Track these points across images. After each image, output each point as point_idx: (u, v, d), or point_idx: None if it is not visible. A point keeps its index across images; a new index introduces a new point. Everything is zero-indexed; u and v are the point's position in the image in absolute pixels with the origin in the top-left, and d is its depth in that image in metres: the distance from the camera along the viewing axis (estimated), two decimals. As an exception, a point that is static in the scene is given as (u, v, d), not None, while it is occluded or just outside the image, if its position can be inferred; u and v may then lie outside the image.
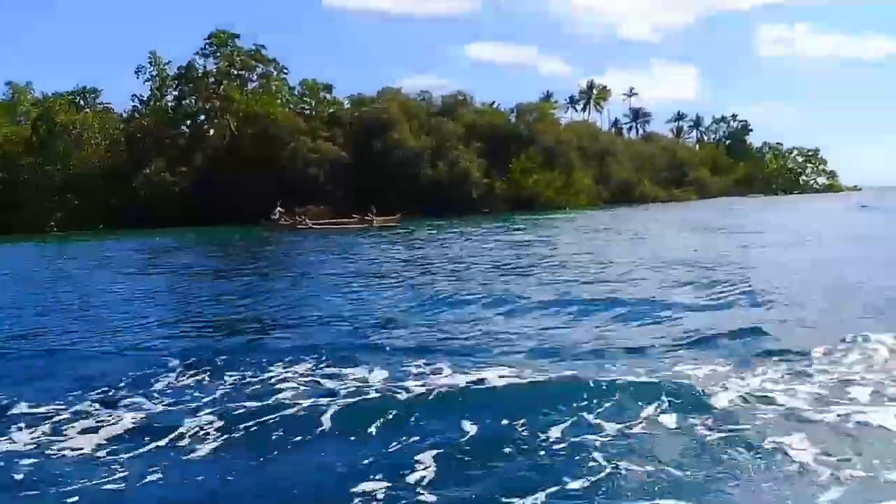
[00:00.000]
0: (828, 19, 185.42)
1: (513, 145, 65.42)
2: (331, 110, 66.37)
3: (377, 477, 4.95)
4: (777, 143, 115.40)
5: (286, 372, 7.68)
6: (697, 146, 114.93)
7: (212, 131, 64.55)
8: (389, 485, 4.83)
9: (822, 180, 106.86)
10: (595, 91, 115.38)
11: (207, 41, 63.00)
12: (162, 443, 5.80)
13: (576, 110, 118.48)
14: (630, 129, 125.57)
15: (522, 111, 70.53)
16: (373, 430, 5.83)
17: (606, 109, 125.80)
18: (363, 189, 52.23)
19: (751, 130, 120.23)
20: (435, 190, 57.65)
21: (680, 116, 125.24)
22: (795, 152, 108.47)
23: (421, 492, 4.74)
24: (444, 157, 60.47)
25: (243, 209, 49.77)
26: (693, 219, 41.46)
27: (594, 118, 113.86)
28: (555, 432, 5.53)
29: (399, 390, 6.70)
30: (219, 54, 63.46)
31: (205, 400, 6.86)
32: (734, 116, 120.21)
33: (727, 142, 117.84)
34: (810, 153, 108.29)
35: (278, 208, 44.87)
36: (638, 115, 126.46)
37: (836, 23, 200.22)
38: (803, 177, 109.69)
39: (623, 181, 74.45)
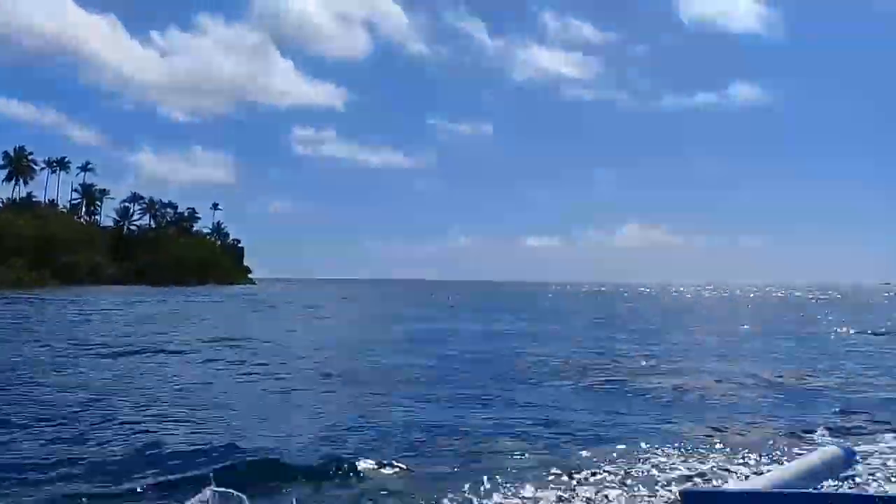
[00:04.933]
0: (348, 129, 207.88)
1: None
2: None
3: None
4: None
5: None
6: (132, 228, 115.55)
7: None
8: None
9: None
10: (24, 163, 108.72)
11: None
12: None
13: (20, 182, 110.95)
14: (80, 206, 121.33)
15: None
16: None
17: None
18: None
19: (199, 218, 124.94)
20: None
21: (136, 198, 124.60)
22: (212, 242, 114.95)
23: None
24: None
25: None
26: None
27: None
28: None
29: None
30: None
31: None
32: (214, 207, 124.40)
33: (172, 228, 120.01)
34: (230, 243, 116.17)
35: None
36: (89, 191, 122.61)
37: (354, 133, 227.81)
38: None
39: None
